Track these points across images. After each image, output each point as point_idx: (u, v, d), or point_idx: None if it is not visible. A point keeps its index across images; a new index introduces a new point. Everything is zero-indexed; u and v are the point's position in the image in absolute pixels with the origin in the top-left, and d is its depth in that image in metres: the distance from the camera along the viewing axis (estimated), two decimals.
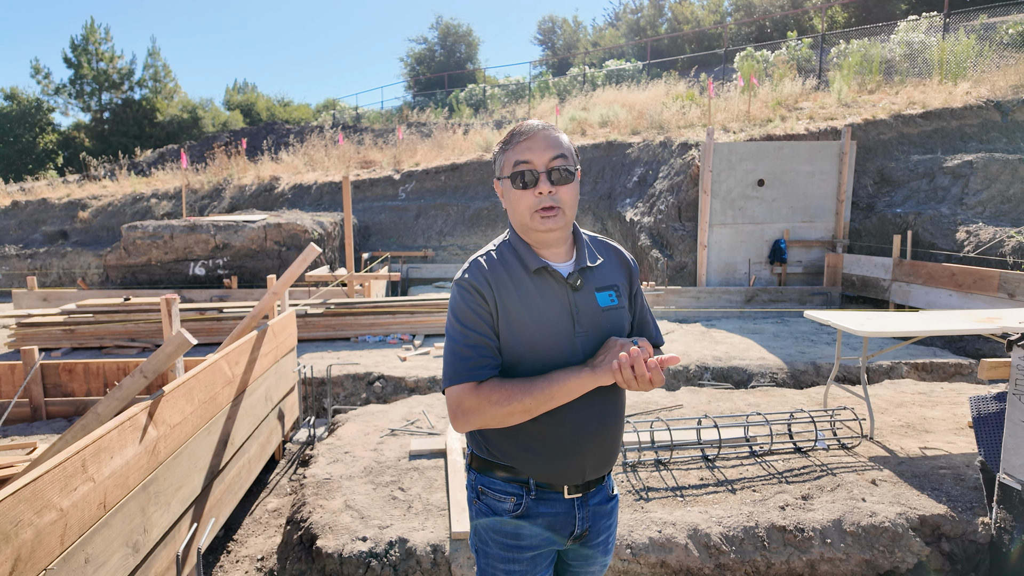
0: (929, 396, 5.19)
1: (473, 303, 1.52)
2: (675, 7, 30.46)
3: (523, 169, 1.51)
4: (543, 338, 1.51)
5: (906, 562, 3.04)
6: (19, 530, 1.69)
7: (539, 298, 1.54)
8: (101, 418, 2.75)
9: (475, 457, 1.67)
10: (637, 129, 13.37)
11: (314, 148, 17.66)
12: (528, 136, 1.52)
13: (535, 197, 1.51)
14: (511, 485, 1.60)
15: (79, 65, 28.74)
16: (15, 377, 4.93)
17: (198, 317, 7.49)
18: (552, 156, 1.51)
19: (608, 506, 1.71)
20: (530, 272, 1.56)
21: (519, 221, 1.56)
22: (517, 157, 1.52)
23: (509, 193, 1.55)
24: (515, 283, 1.55)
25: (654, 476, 3.65)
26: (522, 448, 1.57)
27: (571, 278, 1.57)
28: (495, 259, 1.59)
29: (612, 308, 1.59)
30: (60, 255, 14.74)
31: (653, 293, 8.92)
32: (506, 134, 1.58)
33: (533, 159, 1.50)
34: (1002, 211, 8.47)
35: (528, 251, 1.57)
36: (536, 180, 1.51)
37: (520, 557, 1.61)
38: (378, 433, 4.41)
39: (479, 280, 1.54)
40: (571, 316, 1.54)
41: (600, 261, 1.64)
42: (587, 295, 1.57)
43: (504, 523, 1.61)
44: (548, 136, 1.52)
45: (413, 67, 33.51)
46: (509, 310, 1.52)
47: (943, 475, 3.59)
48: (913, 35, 14.09)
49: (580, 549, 1.70)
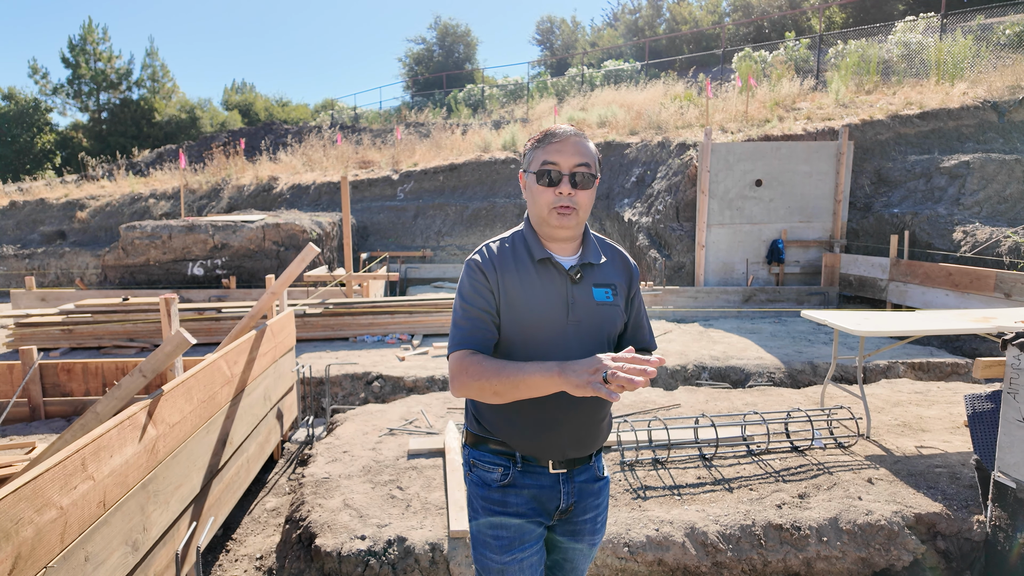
0: (925, 395, 5.21)
1: (476, 281, 1.67)
2: (673, 7, 30.50)
3: (549, 168, 1.65)
4: (537, 322, 1.64)
5: (902, 560, 3.06)
6: (19, 528, 1.70)
7: (539, 286, 1.67)
8: (100, 417, 2.76)
9: (468, 433, 1.82)
10: (635, 129, 13.39)
11: (312, 148, 17.66)
12: (560, 139, 1.66)
13: (555, 195, 1.65)
14: (499, 457, 1.75)
15: (77, 65, 28.72)
16: (13, 377, 4.93)
17: (196, 317, 7.49)
18: (577, 162, 1.64)
19: (596, 485, 1.82)
20: (535, 261, 1.69)
21: (537, 214, 1.70)
22: (546, 157, 1.65)
23: (532, 187, 1.69)
24: (519, 269, 1.69)
25: (652, 475, 3.66)
26: (507, 422, 1.71)
27: (572, 271, 1.70)
28: (506, 247, 1.73)
29: (606, 304, 1.71)
30: (58, 255, 14.72)
31: (651, 293, 8.94)
32: (541, 132, 1.70)
33: (560, 161, 1.64)
34: (999, 211, 8.50)
35: (536, 242, 1.72)
36: (559, 180, 1.64)
37: (507, 523, 1.72)
38: (377, 432, 4.42)
39: (485, 262, 1.69)
40: (566, 305, 1.66)
41: (603, 260, 1.76)
42: (585, 289, 1.70)
43: (492, 491, 1.74)
44: (578, 143, 1.66)
45: (411, 67, 33.52)
46: (509, 292, 1.66)
47: (939, 473, 3.61)
48: (910, 36, 14.13)
49: (567, 524, 1.80)
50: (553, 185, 1.65)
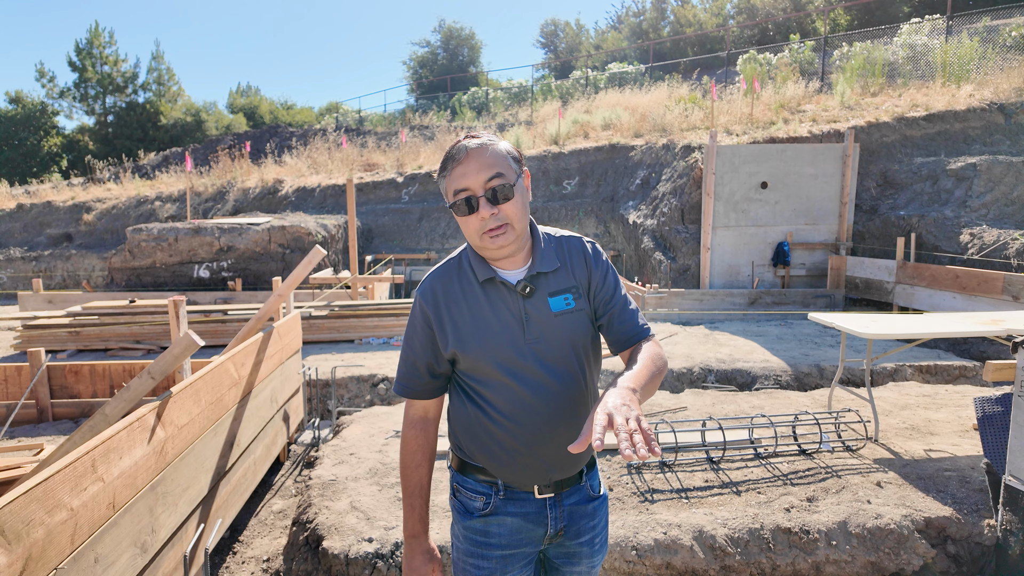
0: (934, 398, 5.18)
1: (417, 320, 1.63)
2: (677, 10, 30.50)
3: (463, 197, 1.49)
4: (494, 347, 1.54)
5: (912, 564, 3.04)
6: (30, 529, 1.71)
7: (488, 309, 1.56)
8: (109, 419, 2.77)
9: (454, 456, 1.74)
10: (640, 132, 13.38)
11: (317, 151, 17.71)
12: (460, 161, 1.49)
13: (479, 221, 1.50)
14: (482, 485, 1.65)
15: (83, 69, 28.88)
16: (22, 379, 4.95)
17: (203, 319, 7.51)
18: (487, 177, 1.48)
19: (590, 506, 1.70)
20: (480, 283, 1.58)
21: (472, 243, 1.57)
22: (455, 185, 1.50)
23: (458, 219, 1.55)
24: (466, 295, 1.58)
25: (659, 478, 3.65)
26: (485, 450, 1.61)
27: (519, 286, 1.56)
28: (452, 271, 1.62)
29: (567, 312, 1.58)
30: (65, 257, 14.79)
31: (656, 295, 8.92)
32: (442, 160, 1.56)
33: (469, 184, 1.48)
34: (1006, 213, 8.46)
35: (480, 263, 1.59)
36: (477, 205, 1.49)
37: (488, 554, 1.63)
38: (383, 435, 4.42)
39: (427, 298, 1.61)
40: (521, 324, 1.55)
41: (557, 267, 1.61)
42: (539, 301, 1.57)
43: (474, 520, 1.65)
44: (480, 156, 1.49)
45: (416, 70, 33.59)
46: (457, 323, 1.57)
47: (948, 477, 3.59)
48: (916, 38, 14.09)
49: (563, 547, 1.70)
50: (473, 211, 1.49)
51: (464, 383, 1.63)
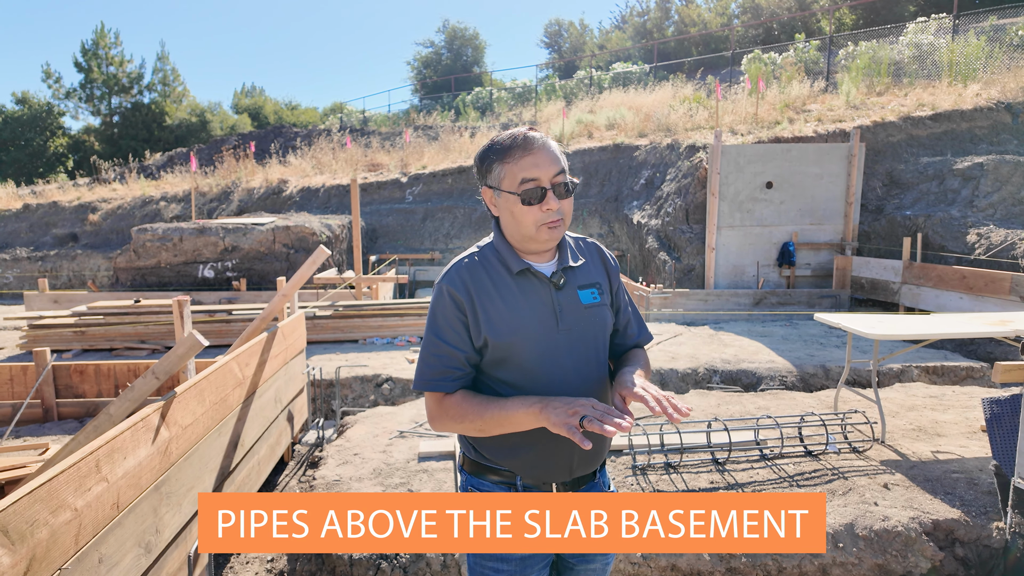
0: (941, 399, 5.15)
1: (448, 310, 1.57)
2: (681, 9, 30.44)
3: (532, 187, 1.52)
4: (527, 336, 1.55)
5: (919, 567, 3.02)
6: (34, 529, 1.70)
7: (521, 298, 1.58)
8: (113, 419, 2.76)
9: (466, 459, 1.71)
10: (644, 132, 13.36)
11: (322, 151, 17.74)
12: (531, 152, 1.52)
13: (542, 212, 1.53)
14: (499, 487, 1.64)
15: (89, 69, 29.00)
16: (27, 378, 4.97)
17: (207, 319, 7.52)
18: (556, 172, 1.53)
19: None
20: (513, 274, 1.60)
21: (523, 233, 1.57)
22: (524, 174, 1.52)
23: (514, 207, 1.55)
24: (496, 285, 1.59)
25: (664, 479, 3.63)
26: (509, 448, 1.60)
27: (554, 277, 1.61)
28: (477, 262, 1.62)
29: (595, 305, 1.64)
30: (70, 257, 14.85)
31: (661, 295, 8.90)
32: (500, 143, 1.56)
33: (540, 176, 1.52)
34: (1013, 213, 8.41)
35: (512, 254, 1.61)
36: (543, 196, 1.53)
37: (508, 556, 1.62)
38: (387, 435, 4.41)
39: (457, 286, 1.57)
40: (555, 314, 1.58)
41: (582, 261, 1.68)
42: (570, 293, 1.62)
43: None
44: (551, 152, 1.54)
45: (420, 70, 33.63)
46: (489, 312, 1.55)
47: (956, 479, 3.56)
48: (922, 37, 14.02)
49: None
50: (539, 202, 1.52)
51: (486, 380, 1.62)
